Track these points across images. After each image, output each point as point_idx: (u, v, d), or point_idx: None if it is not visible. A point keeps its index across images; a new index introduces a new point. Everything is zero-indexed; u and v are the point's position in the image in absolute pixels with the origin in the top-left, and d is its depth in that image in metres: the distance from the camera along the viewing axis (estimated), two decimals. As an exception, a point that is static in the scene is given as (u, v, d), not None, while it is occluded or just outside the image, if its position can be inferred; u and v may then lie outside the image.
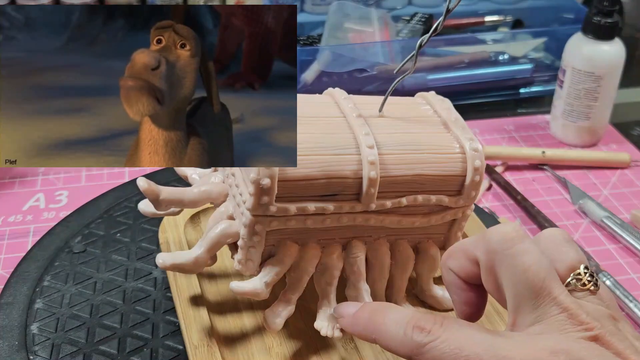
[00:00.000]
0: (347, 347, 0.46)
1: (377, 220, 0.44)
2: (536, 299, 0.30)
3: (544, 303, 0.30)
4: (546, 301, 0.30)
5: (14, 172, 0.69)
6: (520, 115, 0.83)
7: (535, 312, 0.30)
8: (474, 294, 0.35)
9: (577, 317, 0.29)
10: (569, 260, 0.31)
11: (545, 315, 0.29)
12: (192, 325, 0.46)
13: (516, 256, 0.30)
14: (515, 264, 0.30)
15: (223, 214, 0.45)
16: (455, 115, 0.47)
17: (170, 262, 0.44)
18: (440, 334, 0.30)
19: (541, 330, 0.29)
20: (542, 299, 0.30)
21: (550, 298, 0.29)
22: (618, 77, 0.72)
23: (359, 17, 0.83)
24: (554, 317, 0.29)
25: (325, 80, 0.79)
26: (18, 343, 0.48)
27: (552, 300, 0.29)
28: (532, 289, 0.30)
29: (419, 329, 0.30)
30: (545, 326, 0.29)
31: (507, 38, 0.87)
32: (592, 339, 0.29)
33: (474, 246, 0.33)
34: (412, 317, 0.31)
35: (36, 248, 0.57)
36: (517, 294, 0.30)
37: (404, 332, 0.31)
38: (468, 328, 0.30)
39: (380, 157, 0.42)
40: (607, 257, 0.60)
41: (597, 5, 0.70)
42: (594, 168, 0.72)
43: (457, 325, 0.30)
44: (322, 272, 0.44)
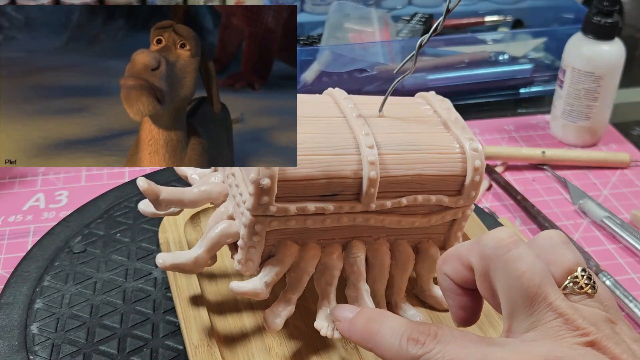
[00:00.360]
0: (347, 347, 0.46)
1: (377, 220, 0.44)
2: (531, 305, 0.30)
3: (539, 309, 0.29)
4: (541, 307, 0.29)
5: (14, 172, 0.69)
6: (520, 115, 0.83)
7: (530, 318, 0.30)
8: (469, 298, 0.35)
9: (573, 322, 0.29)
10: (566, 262, 0.31)
11: (540, 321, 0.29)
12: (192, 325, 0.46)
13: (510, 262, 0.30)
14: (509, 270, 0.30)
15: (223, 214, 0.45)
16: (455, 115, 0.47)
17: (170, 262, 0.44)
18: (434, 346, 0.30)
19: (536, 336, 0.29)
20: (537, 305, 0.29)
21: (545, 303, 0.29)
22: (618, 77, 0.72)
23: (359, 17, 0.83)
24: (550, 322, 0.29)
25: (325, 80, 0.79)
26: (18, 343, 0.48)
27: (547, 306, 0.29)
28: (527, 295, 0.30)
29: (413, 341, 0.30)
30: (541, 332, 0.29)
31: (507, 38, 0.87)
32: (589, 345, 0.28)
33: (468, 252, 0.33)
34: (406, 327, 0.31)
35: (36, 248, 0.57)
36: (511, 300, 0.30)
37: (399, 344, 0.31)
38: (462, 338, 0.30)
39: (380, 157, 0.42)
40: (607, 257, 0.60)
41: (597, 5, 0.70)
42: (594, 168, 0.72)
43: (451, 335, 0.30)
44: (322, 272, 0.44)
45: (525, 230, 0.64)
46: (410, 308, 0.48)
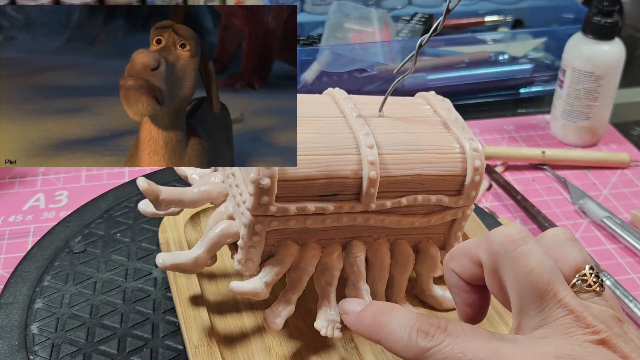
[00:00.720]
0: (347, 347, 0.46)
1: (377, 220, 0.44)
2: (541, 301, 0.29)
3: (549, 305, 0.29)
4: (551, 303, 0.29)
5: (14, 172, 0.69)
6: (520, 115, 0.83)
7: (540, 315, 0.29)
8: (476, 295, 0.34)
9: (584, 319, 0.29)
10: (574, 260, 0.31)
11: (550, 318, 0.29)
12: (192, 325, 0.46)
13: (520, 258, 0.30)
14: (518, 266, 0.30)
15: (223, 214, 0.45)
16: (455, 115, 0.47)
17: (170, 262, 0.44)
18: (444, 338, 0.30)
19: (546, 333, 0.29)
20: (547, 302, 0.29)
21: (555, 300, 0.29)
22: (618, 77, 0.72)
23: (359, 17, 0.83)
24: (560, 319, 0.29)
25: (325, 80, 0.79)
26: (18, 343, 0.48)
27: (557, 302, 0.29)
28: (537, 292, 0.29)
29: (423, 333, 0.30)
30: (551, 329, 0.29)
31: (507, 38, 0.87)
32: (599, 343, 0.28)
33: (476, 248, 0.33)
34: (416, 320, 0.31)
35: (36, 248, 0.57)
36: (521, 296, 0.30)
37: (408, 336, 0.31)
38: (472, 333, 0.30)
39: (380, 157, 0.42)
40: (607, 257, 0.60)
41: (597, 5, 0.70)
42: (594, 168, 0.72)
43: (461, 329, 0.30)
44: (322, 272, 0.44)
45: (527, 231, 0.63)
46: (410, 308, 0.48)
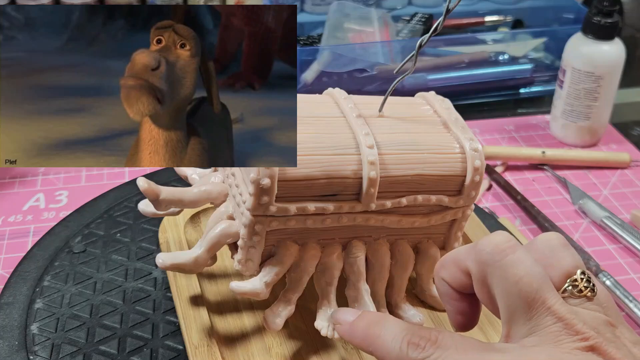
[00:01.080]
0: (347, 347, 0.46)
1: (377, 220, 0.44)
2: (529, 310, 0.29)
3: (537, 314, 0.29)
4: (540, 311, 0.29)
5: (14, 172, 0.69)
6: (520, 115, 0.83)
7: (529, 323, 0.29)
8: (467, 303, 0.34)
9: (573, 326, 0.29)
10: (565, 266, 0.31)
11: (539, 326, 0.29)
12: (192, 325, 0.46)
13: (508, 267, 0.30)
14: (507, 276, 0.30)
15: (223, 214, 0.45)
16: (455, 115, 0.47)
17: (170, 262, 0.44)
18: (434, 350, 0.30)
19: (536, 342, 0.29)
20: (535, 310, 0.29)
21: (544, 308, 0.29)
22: (618, 77, 0.72)
23: (359, 17, 0.83)
24: (549, 327, 0.29)
25: (325, 80, 0.79)
26: (18, 343, 0.48)
27: (546, 310, 0.29)
28: (525, 300, 0.29)
29: (413, 345, 0.30)
30: (540, 337, 0.29)
31: (507, 38, 0.87)
32: (589, 349, 0.28)
33: (465, 257, 0.33)
34: (407, 332, 0.31)
35: (36, 248, 0.57)
36: (510, 305, 0.30)
37: (399, 348, 0.31)
38: (462, 343, 0.30)
39: (380, 157, 0.42)
40: (607, 257, 0.60)
41: (597, 5, 0.70)
42: (594, 168, 0.72)
43: (451, 341, 0.30)
44: (322, 272, 0.44)
45: (525, 231, 0.64)
46: (410, 308, 0.48)
